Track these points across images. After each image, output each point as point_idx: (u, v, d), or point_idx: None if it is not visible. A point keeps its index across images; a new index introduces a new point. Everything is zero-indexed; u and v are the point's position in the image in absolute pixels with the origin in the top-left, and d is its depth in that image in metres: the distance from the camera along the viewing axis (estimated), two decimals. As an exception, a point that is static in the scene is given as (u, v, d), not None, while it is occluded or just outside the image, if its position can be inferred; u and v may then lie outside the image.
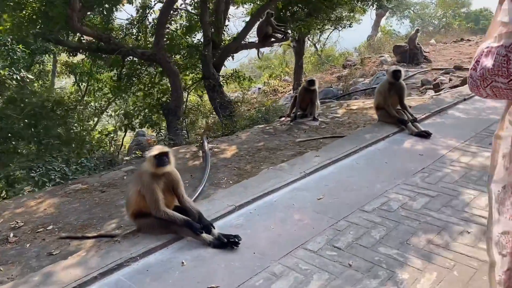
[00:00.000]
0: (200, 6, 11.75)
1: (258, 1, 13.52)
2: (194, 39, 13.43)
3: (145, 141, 14.58)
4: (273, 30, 12.03)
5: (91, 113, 15.24)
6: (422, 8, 34.65)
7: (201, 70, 12.18)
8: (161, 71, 12.54)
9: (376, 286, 3.19)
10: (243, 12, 15.72)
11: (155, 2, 13.22)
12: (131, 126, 13.62)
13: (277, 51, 25.03)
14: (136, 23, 13.33)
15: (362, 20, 22.17)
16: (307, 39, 21.23)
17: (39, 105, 8.33)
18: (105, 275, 3.42)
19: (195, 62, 12.59)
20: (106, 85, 14.54)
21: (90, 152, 8.43)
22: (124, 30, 13.56)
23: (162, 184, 3.85)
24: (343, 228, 4.03)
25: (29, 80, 11.66)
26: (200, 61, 12.07)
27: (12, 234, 5.00)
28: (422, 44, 19.30)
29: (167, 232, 3.88)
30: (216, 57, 11.80)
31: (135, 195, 3.84)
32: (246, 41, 13.06)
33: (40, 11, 10.01)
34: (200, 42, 12.17)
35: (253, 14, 11.96)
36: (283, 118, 9.04)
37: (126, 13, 14.01)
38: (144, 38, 13.53)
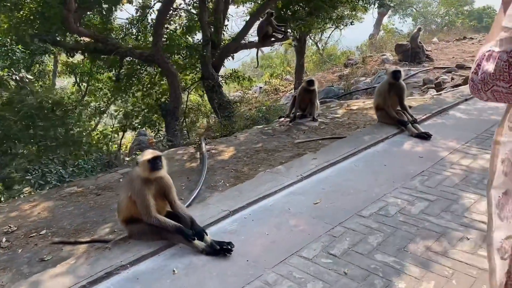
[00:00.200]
0: (199, 5, 11.65)
1: (258, 0, 13.42)
2: (193, 39, 13.33)
3: (146, 141, 14.52)
4: (273, 30, 11.94)
5: (92, 113, 15.21)
6: (424, 6, 34.45)
7: (200, 70, 12.09)
8: (161, 72, 12.46)
9: (372, 296, 3.10)
10: (244, 11, 15.62)
11: (155, 2, 13.13)
12: (132, 126, 13.53)
13: (278, 50, 24.91)
14: (136, 22, 13.25)
15: (364, 18, 22.05)
16: (308, 38, 21.10)
17: (35, 107, 8.24)
18: (94, 284, 3.34)
19: (194, 62, 12.50)
20: (107, 86, 14.46)
21: (87, 154, 8.36)
22: (124, 30, 13.51)
23: (154, 189, 3.76)
24: (339, 234, 3.94)
25: (28, 80, 11.62)
26: (199, 61, 11.98)
27: (4, 239, 4.94)
28: (425, 43, 19.14)
29: (159, 238, 3.79)
30: (215, 57, 11.70)
31: (125, 201, 3.76)
32: (246, 40, 12.95)
33: (37, 12, 9.93)
34: (199, 42, 12.06)
35: (252, 14, 11.85)
36: (282, 119, 8.94)
37: (127, 13, 13.97)
38: (144, 38, 13.45)
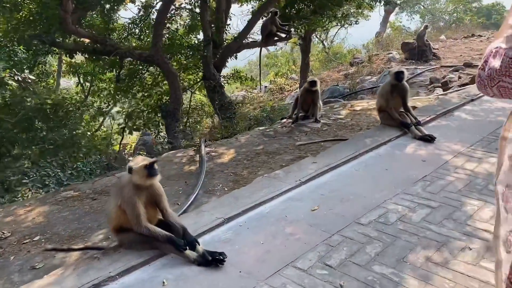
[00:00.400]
0: (200, 5, 11.51)
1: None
2: (195, 39, 13.20)
3: (150, 141, 14.46)
4: (277, 29, 11.79)
5: (96, 113, 15.17)
6: (432, 3, 34.04)
7: (202, 70, 11.96)
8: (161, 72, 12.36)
9: (367, 311, 2.97)
10: (248, 10, 15.46)
11: (157, 1, 13.01)
12: (133, 127, 13.45)
13: (283, 49, 24.72)
14: (138, 22, 13.17)
15: (370, 16, 21.80)
16: (314, 36, 20.89)
17: (34, 109, 8.17)
18: (81, 296, 3.24)
19: (196, 62, 12.38)
20: (110, 86, 14.40)
21: (86, 156, 8.28)
22: (127, 29, 13.44)
23: (144, 197, 3.64)
24: (337, 243, 3.80)
25: (30, 81, 11.58)
26: (201, 61, 11.84)
27: (-3, 246, 4.87)
28: (432, 40, 18.87)
29: (150, 248, 3.67)
30: (217, 57, 11.56)
31: (115, 210, 3.64)
32: (248, 40, 12.80)
33: (36, 13, 9.87)
34: (201, 42, 11.93)
35: (254, 13, 11.69)
36: (285, 120, 8.81)
37: (131, 12, 13.90)
38: (147, 38, 13.36)
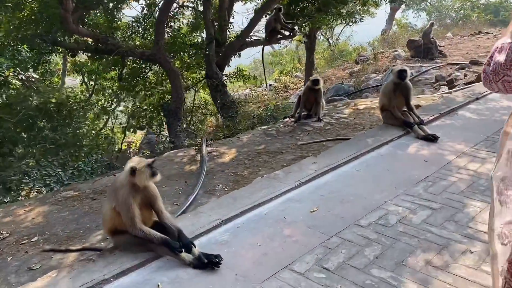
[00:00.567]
0: (202, 3, 11.45)
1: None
2: (198, 37, 13.14)
3: (155, 139, 14.44)
4: (281, 27, 11.71)
5: (100, 112, 15.16)
6: (439, 0, 33.70)
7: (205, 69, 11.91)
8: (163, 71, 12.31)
9: (364, 316, 2.90)
10: (252, 8, 15.37)
11: (160, 0, 12.96)
12: (138, 126, 13.42)
13: (288, 46, 24.60)
14: (142, 21, 13.13)
15: (376, 14, 21.63)
16: (319, 34, 20.75)
17: (36, 108, 8.16)
18: (74, 300, 3.20)
19: (199, 61, 12.32)
20: (114, 85, 14.38)
21: (88, 155, 8.26)
22: (130, 28, 13.41)
23: (139, 199, 3.60)
24: (335, 245, 3.73)
25: (34, 80, 11.59)
26: (204, 60, 11.79)
27: (-5, 247, 4.85)
28: (438, 38, 18.67)
29: (146, 250, 3.63)
30: (220, 56, 11.49)
31: (109, 212, 3.60)
32: (252, 38, 12.72)
33: (38, 12, 9.85)
34: (204, 41, 11.85)
35: (257, 11, 11.61)
36: (287, 119, 8.74)
37: (136, 11, 13.87)
38: (151, 36, 13.31)
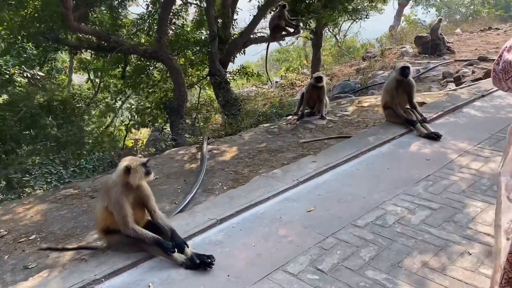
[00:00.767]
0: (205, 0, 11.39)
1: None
2: (202, 34, 13.08)
3: (161, 136, 14.44)
4: (285, 23, 11.62)
5: (105, 110, 15.21)
6: (448, -5, 33.30)
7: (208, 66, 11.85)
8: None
9: (356, 320, 2.84)
10: (256, 4, 15.28)
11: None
12: (140, 123, 13.42)
13: (295, 43, 24.46)
14: (147, 18, 13.11)
15: (384, 10, 21.38)
16: (327, 30, 20.57)
17: (37, 106, 8.18)
18: (64, 300, 3.17)
19: (203, 58, 12.26)
20: (118, 82, 14.39)
21: (89, 153, 8.26)
22: (136, 25, 13.40)
23: (132, 198, 3.57)
24: (330, 246, 3.67)
25: (39, 77, 11.61)
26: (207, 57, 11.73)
27: (-8, 245, 4.85)
28: (447, 34, 18.46)
29: (138, 250, 3.60)
30: (223, 53, 11.42)
31: (101, 212, 3.57)
32: (256, 35, 12.63)
33: (41, 10, 9.86)
34: (206, 38, 11.79)
35: (260, 7, 11.52)
36: (290, 117, 8.66)
37: (142, 8, 13.85)
38: (156, 34, 13.29)
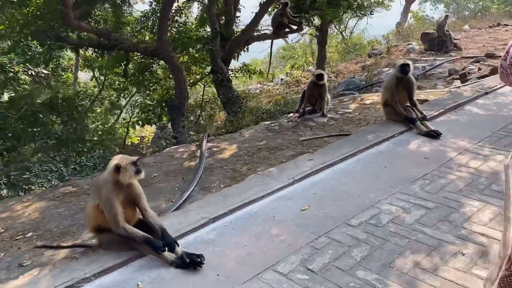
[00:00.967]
0: (207, -4, 11.37)
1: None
2: (205, 31, 13.05)
3: (162, 134, 14.48)
4: (288, 21, 11.56)
5: (110, 107, 15.27)
6: (457, -9, 32.89)
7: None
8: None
9: (343, 321, 2.81)
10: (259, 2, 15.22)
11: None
12: (145, 120, 13.44)
13: (301, 40, 24.35)
14: (150, 15, 13.11)
15: (391, 6, 21.21)
16: (333, 27, 20.46)
17: (39, 104, 8.21)
18: (52, 298, 3.18)
19: (206, 56, 12.24)
20: (122, 80, 14.42)
21: (90, 151, 8.27)
22: (140, 23, 13.42)
23: (123, 197, 3.56)
24: (322, 246, 3.64)
25: (43, 75, 11.66)
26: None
27: (-11, 242, 4.88)
28: (455, 30, 18.25)
29: (129, 249, 3.59)
30: (225, 50, 11.39)
31: (93, 210, 3.57)
32: (260, 32, 12.58)
33: (43, 8, 9.90)
34: (209, 35, 11.76)
35: (262, 5, 11.47)
36: (291, 114, 8.63)
37: (147, 6, 13.86)
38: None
